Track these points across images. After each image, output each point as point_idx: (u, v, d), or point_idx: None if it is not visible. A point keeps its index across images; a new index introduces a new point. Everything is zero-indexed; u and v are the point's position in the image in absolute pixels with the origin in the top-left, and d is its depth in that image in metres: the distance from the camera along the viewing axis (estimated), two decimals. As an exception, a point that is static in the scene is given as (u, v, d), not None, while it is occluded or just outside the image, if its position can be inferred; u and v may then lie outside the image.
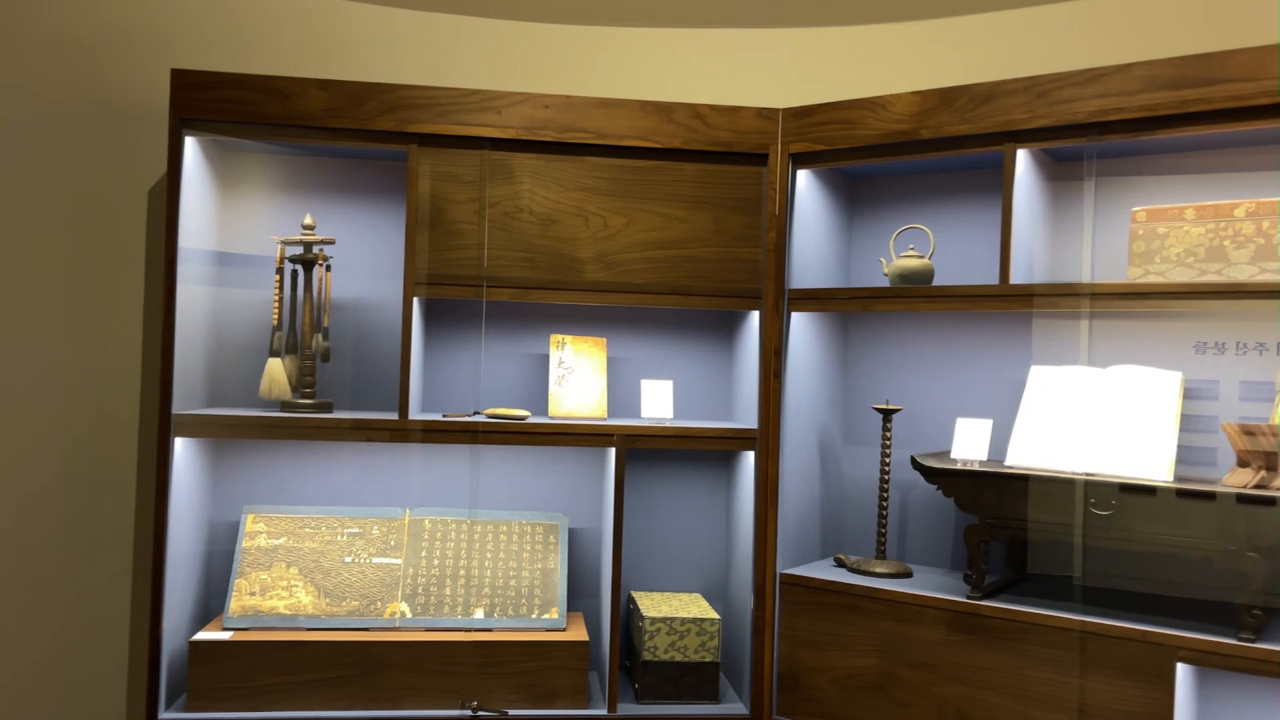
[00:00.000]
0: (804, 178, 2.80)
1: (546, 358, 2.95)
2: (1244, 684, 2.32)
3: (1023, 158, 2.48)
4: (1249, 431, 2.23)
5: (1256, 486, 2.17)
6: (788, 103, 2.76)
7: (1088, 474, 2.34)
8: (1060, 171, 2.67)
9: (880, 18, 2.99)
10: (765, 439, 2.75)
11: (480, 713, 2.63)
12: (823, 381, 2.94)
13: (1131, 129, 2.29)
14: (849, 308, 2.80)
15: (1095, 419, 2.43)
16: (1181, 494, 2.22)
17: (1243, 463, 2.25)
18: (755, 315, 2.81)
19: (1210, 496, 2.19)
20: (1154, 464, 2.31)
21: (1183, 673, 2.19)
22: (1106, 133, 2.32)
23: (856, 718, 2.58)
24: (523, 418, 2.75)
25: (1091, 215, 2.60)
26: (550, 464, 3.02)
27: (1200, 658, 2.17)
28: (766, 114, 2.75)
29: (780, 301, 2.76)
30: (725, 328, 3.05)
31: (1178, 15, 2.64)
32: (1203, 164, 2.47)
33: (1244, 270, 2.24)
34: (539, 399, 2.96)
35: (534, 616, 2.78)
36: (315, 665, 2.60)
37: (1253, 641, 2.13)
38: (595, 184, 2.72)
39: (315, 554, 2.78)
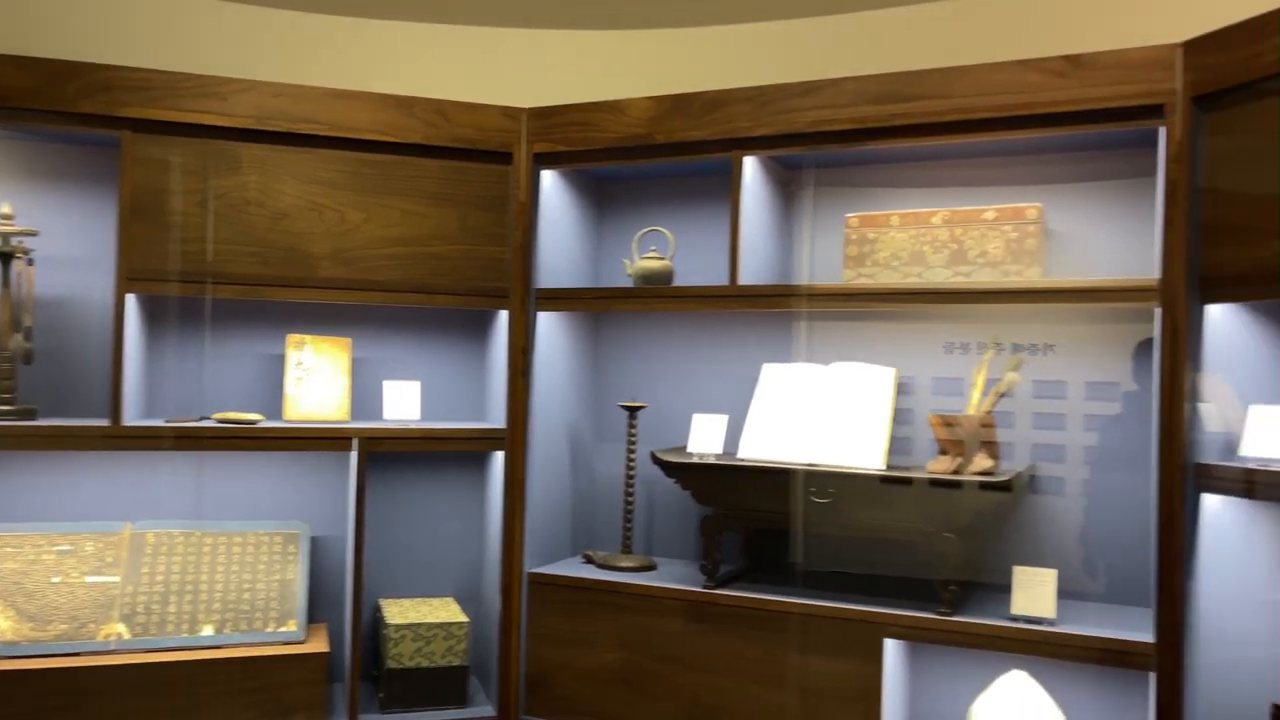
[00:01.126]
0: (550, 178, 2.82)
1: (284, 359, 2.82)
2: (945, 654, 2.53)
3: (751, 164, 2.60)
4: (949, 423, 2.43)
5: (954, 473, 2.36)
6: (531, 103, 2.76)
7: (808, 464, 2.48)
8: (787, 178, 2.81)
9: (621, 24, 3.05)
10: (513, 438, 2.74)
11: (207, 736, 2.47)
12: (573, 380, 2.97)
13: (844, 139, 2.44)
14: (593, 307, 2.84)
15: (818, 413, 2.58)
16: (887, 480, 2.39)
17: (943, 451, 2.45)
18: (505, 314, 2.79)
19: (911, 483, 2.37)
20: (868, 454, 2.47)
21: (891, 647, 2.36)
22: (822, 142, 2.46)
23: (602, 712, 2.62)
24: (254, 422, 2.61)
25: (811, 220, 2.76)
26: (290, 470, 2.89)
27: (905, 632, 2.34)
28: (510, 113, 2.74)
29: (527, 300, 2.76)
30: (477, 327, 3.02)
31: (886, 34, 2.84)
32: (907, 174, 2.67)
33: (940, 274, 2.43)
34: (276, 402, 2.82)
35: (269, 630, 2.65)
36: (14, 698, 2.36)
37: (950, 615, 2.31)
38: (331, 177, 2.63)
39: (17, 575, 2.53)
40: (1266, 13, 1.91)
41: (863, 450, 2.48)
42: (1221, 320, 2.08)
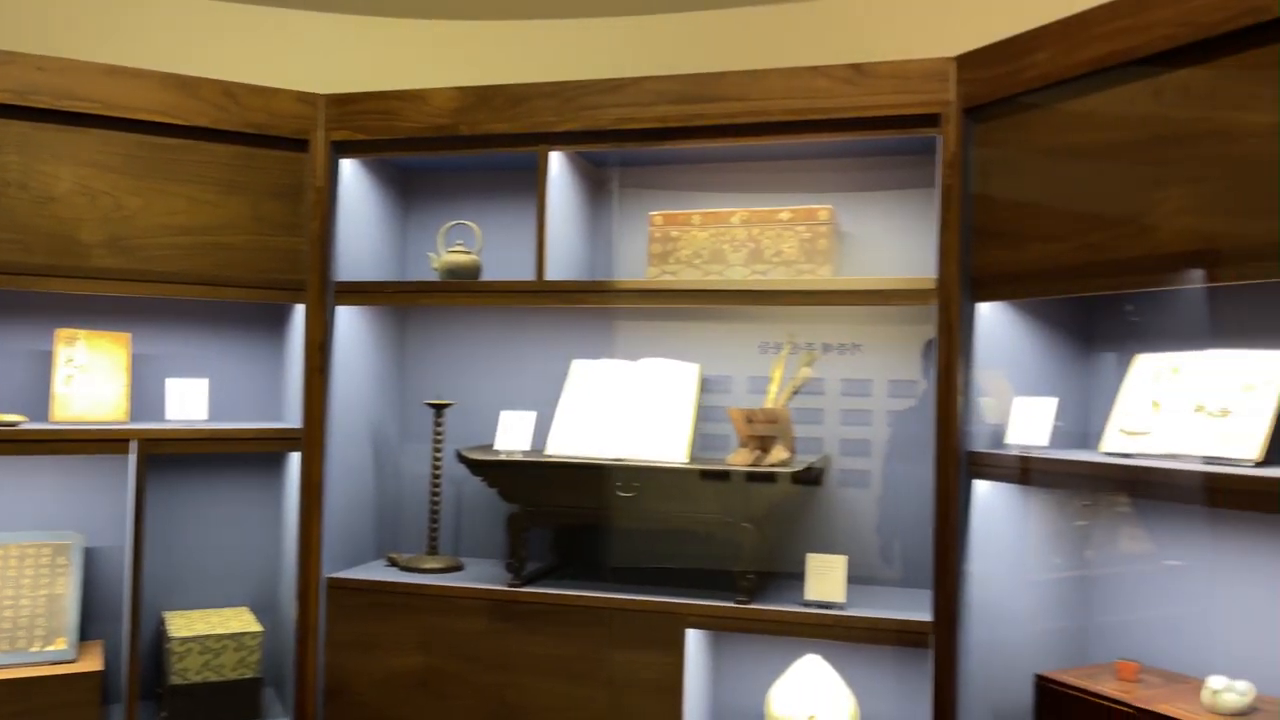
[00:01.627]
0: (350, 167, 2.72)
1: (53, 355, 2.59)
2: (746, 642, 2.60)
3: (558, 159, 2.59)
4: (748, 417, 2.50)
5: (753, 464, 2.43)
6: (329, 89, 2.66)
7: (612, 459, 2.49)
8: (594, 174, 2.83)
9: (424, 13, 2.99)
10: (310, 438, 2.63)
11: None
12: (377, 377, 2.87)
13: (647, 138, 2.47)
14: (396, 301, 2.77)
15: (624, 408, 2.59)
16: (687, 473, 2.44)
17: (744, 444, 2.51)
18: (301, 308, 2.67)
19: (712, 475, 2.42)
20: (672, 447, 2.51)
21: (693, 637, 2.40)
22: (626, 140, 2.48)
23: (403, 718, 2.54)
24: (14, 424, 2.40)
25: (618, 217, 2.78)
26: (64, 477, 2.67)
27: (706, 621, 2.39)
28: (306, 99, 2.63)
29: (325, 294, 2.65)
30: (271, 322, 2.88)
31: (686, 37, 2.90)
32: (710, 173, 2.73)
33: (739, 271, 2.50)
34: (44, 403, 2.59)
35: (35, 650, 2.44)
36: None
37: (747, 603, 2.37)
38: (105, 160, 2.44)
39: None
40: (1029, 30, 2.05)
41: (666, 444, 2.51)
42: (991, 317, 2.23)
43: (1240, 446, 1.79)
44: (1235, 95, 1.70)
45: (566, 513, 2.58)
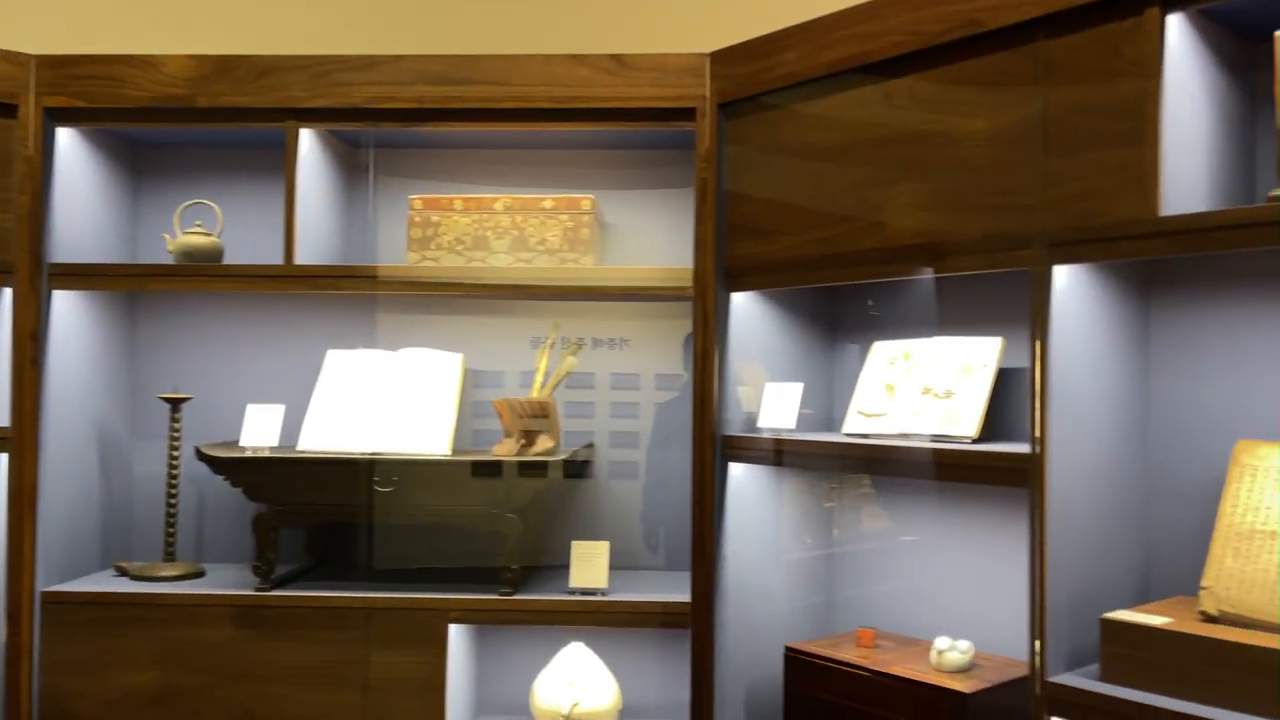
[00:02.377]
0: (68, 137, 2.45)
1: None
2: (511, 634, 2.58)
3: (309, 137, 2.45)
4: (512, 407, 2.47)
5: (518, 455, 2.40)
6: (43, 49, 2.38)
7: (368, 453, 2.39)
8: (349, 155, 2.70)
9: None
10: (20, 439, 2.35)
11: None
12: (102, 370, 2.61)
13: (404, 118, 2.38)
14: (124, 286, 2.53)
15: (384, 400, 2.50)
16: (449, 465, 2.38)
17: (508, 434, 2.48)
18: (8, 293, 2.38)
19: (476, 466, 2.38)
20: (434, 440, 2.44)
21: (455, 632, 2.35)
22: (383, 119, 2.39)
23: (136, 740, 2.33)
24: None
25: (374, 200, 2.67)
26: None
27: (468, 616, 2.35)
28: (15, 59, 2.34)
29: (38, 277, 2.38)
30: (-26, 309, 2.55)
31: (446, 15, 2.83)
32: (471, 158, 2.68)
33: (503, 259, 2.46)
34: None
35: None
36: None
37: (511, 594, 2.35)
38: None
39: None
40: (778, 30, 2.14)
41: (428, 436, 2.44)
42: (745, 307, 2.32)
43: (961, 425, 1.95)
44: (954, 102, 1.84)
45: (320, 511, 2.46)
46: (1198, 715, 1.45)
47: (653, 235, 2.66)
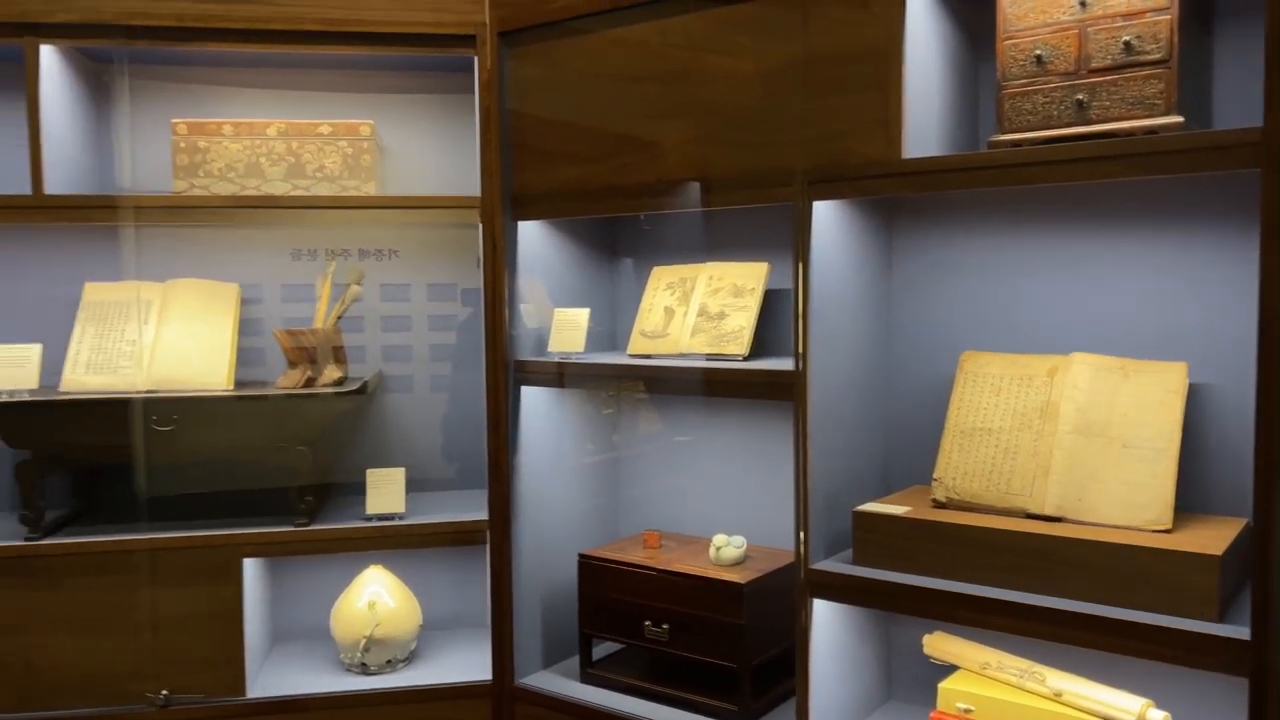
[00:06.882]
0: None
1: None
2: (310, 564, 2.59)
3: (51, 54, 2.25)
4: (296, 337, 2.43)
5: (305, 386, 2.38)
6: None
7: (148, 392, 2.30)
8: (102, 74, 2.50)
9: None
10: None
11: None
12: None
13: (161, 36, 2.23)
14: None
15: (155, 334, 2.39)
16: (237, 400, 2.33)
17: (293, 364, 2.45)
18: None
19: (261, 400, 2.34)
20: (214, 374, 2.37)
21: (251, 566, 2.33)
22: (135, 37, 2.22)
23: (-104, 707, 2.18)
24: None
25: (129, 124, 2.50)
26: None
27: (263, 549, 2.34)
28: None
29: None
30: None
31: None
32: (240, 78, 2.55)
33: (279, 187, 2.39)
34: None
35: None
36: None
37: (308, 525, 2.36)
38: None
39: None
40: (556, -40, 2.17)
41: (206, 371, 2.37)
42: (531, 234, 2.38)
43: (732, 345, 2.14)
44: (723, 42, 1.97)
45: (92, 453, 2.35)
46: (936, 588, 1.72)
47: (432, 160, 2.65)
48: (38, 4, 2.15)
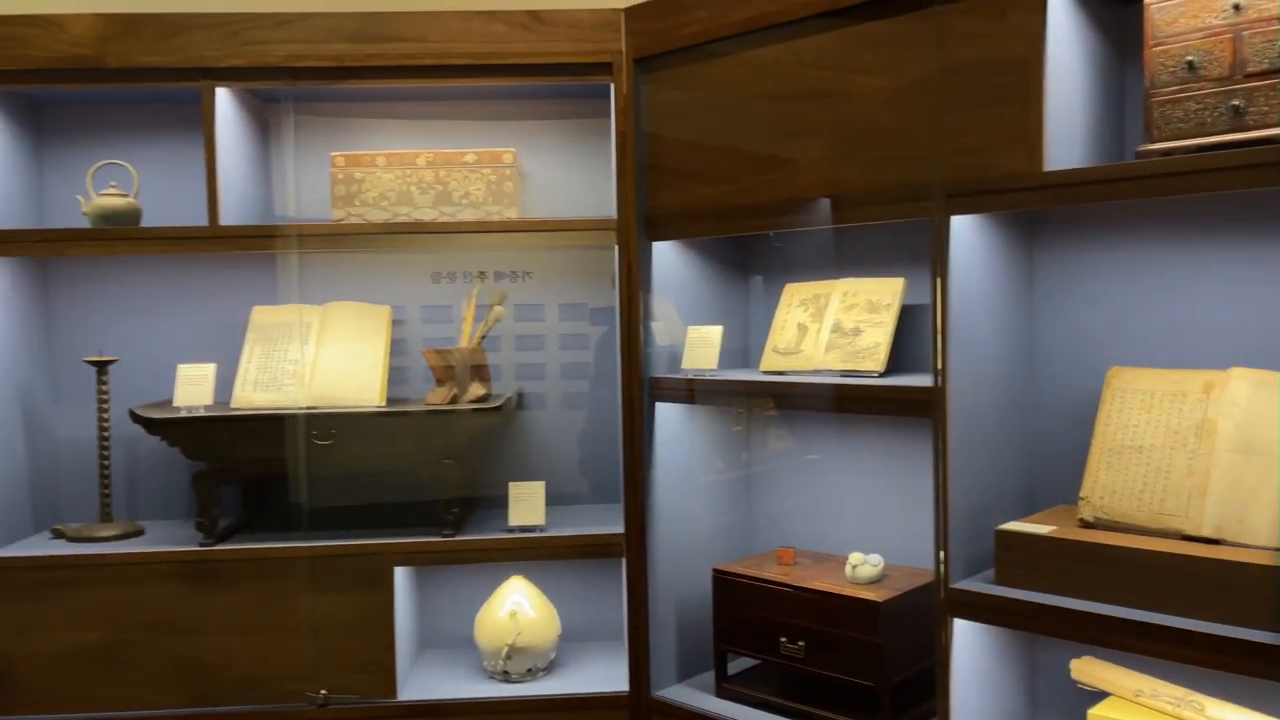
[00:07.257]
0: (-33, 100, 2.39)
1: None
2: (454, 573, 2.70)
3: (225, 96, 2.44)
4: (442, 355, 2.55)
5: (451, 402, 2.49)
6: (-65, 7, 2.31)
7: (309, 408, 2.45)
8: (267, 113, 2.69)
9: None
10: (-57, 409, 2.33)
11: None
12: (18, 336, 2.58)
13: (323, 76, 2.39)
14: (37, 251, 2.50)
15: (315, 354, 2.55)
16: (389, 416, 2.46)
17: (439, 381, 2.57)
18: (-84, 263, 2.34)
19: (411, 416, 2.46)
20: (368, 391, 2.51)
21: (401, 574, 2.45)
22: (300, 78, 2.39)
23: (84, 696, 2.38)
24: None
25: (293, 158, 2.68)
26: None
27: (413, 558, 2.46)
28: (-93, 18, 2.26)
29: (-53, 246, 2.33)
30: (-123, 279, 2.49)
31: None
32: (391, 112, 2.70)
33: (428, 213, 2.52)
34: None
35: None
36: None
37: (454, 536, 2.46)
38: None
39: None
40: (689, -12, 2.23)
41: (361, 388, 2.51)
42: (665, 254, 2.43)
43: (868, 361, 2.13)
44: (855, 61, 1.97)
45: (259, 466, 2.52)
46: (1079, 609, 1.67)
47: (569, 184, 2.74)
48: (213, 50, 2.34)
